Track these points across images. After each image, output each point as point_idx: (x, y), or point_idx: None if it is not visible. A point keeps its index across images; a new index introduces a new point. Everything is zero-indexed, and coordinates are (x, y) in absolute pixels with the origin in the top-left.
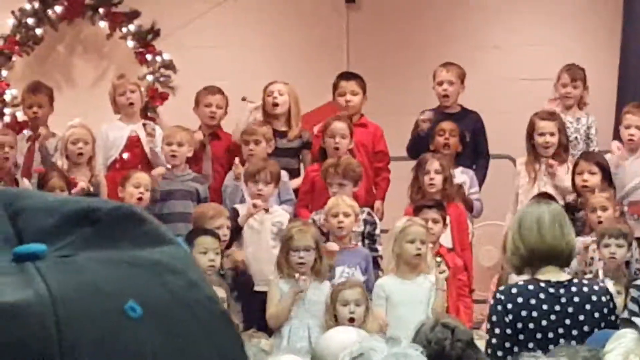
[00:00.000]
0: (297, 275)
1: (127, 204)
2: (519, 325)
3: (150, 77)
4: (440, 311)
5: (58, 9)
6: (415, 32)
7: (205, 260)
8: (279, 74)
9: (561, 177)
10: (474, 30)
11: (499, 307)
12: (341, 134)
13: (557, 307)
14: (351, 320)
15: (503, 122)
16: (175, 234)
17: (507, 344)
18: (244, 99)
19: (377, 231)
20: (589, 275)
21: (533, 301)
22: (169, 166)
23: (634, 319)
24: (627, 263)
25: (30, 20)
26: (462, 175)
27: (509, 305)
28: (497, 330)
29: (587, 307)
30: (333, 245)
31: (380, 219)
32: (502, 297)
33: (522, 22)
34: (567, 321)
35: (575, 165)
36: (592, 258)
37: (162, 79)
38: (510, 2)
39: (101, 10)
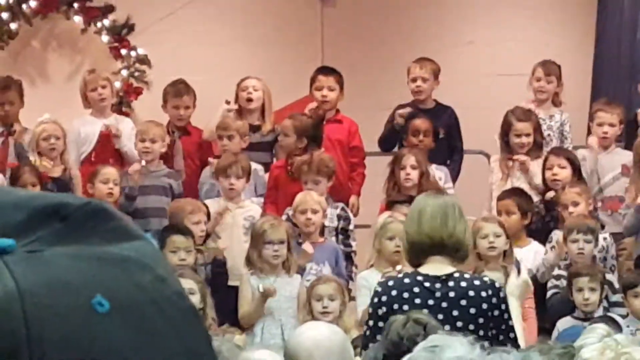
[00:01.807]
0: (265, 287)
1: (97, 200)
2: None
3: (124, 72)
4: None
5: (32, 3)
6: (390, 28)
7: (176, 260)
8: (253, 69)
9: (535, 173)
10: (449, 26)
11: (375, 300)
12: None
13: (431, 302)
14: (325, 314)
15: (477, 118)
16: (149, 229)
17: (379, 337)
18: (227, 102)
19: (351, 226)
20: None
21: (406, 295)
22: (143, 163)
23: (611, 313)
24: (604, 258)
25: (5, 15)
26: (436, 172)
27: (384, 298)
28: (370, 323)
29: (462, 302)
30: (308, 247)
31: (356, 215)
32: (379, 289)
33: (497, 18)
34: (440, 316)
35: (545, 160)
36: (567, 252)
37: (136, 73)
38: None
39: (76, 4)
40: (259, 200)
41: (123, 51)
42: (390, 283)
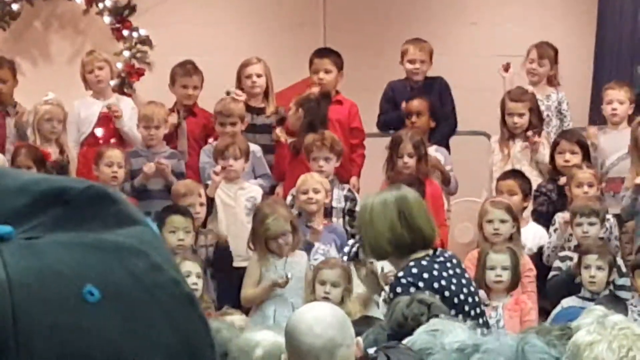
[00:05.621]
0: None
1: (100, 184)
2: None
3: (126, 53)
4: None
5: None
6: (391, 8)
7: (175, 240)
8: (255, 50)
9: (541, 153)
10: (450, 7)
11: (412, 289)
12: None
13: (451, 272)
14: (325, 299)
15: (478, 99)
16: (152, 211)
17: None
18: (227, 93)
19: (357, 207)
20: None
21: (435, 272)
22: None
23: (619, 293)
24: (608, 240)
25: None
26: (435, 154)
27: (420, 284)
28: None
29: (463, 268)
30: (318, 225)
31: None
32: (410, 279)
33: (499, 0)
34: (463, 281)
35: (556, 144)
36: (570, 234)
37: (138, 55)
38: None
39: None
40: (257, 181)
41: (125, 32)
42: (415, 270)
